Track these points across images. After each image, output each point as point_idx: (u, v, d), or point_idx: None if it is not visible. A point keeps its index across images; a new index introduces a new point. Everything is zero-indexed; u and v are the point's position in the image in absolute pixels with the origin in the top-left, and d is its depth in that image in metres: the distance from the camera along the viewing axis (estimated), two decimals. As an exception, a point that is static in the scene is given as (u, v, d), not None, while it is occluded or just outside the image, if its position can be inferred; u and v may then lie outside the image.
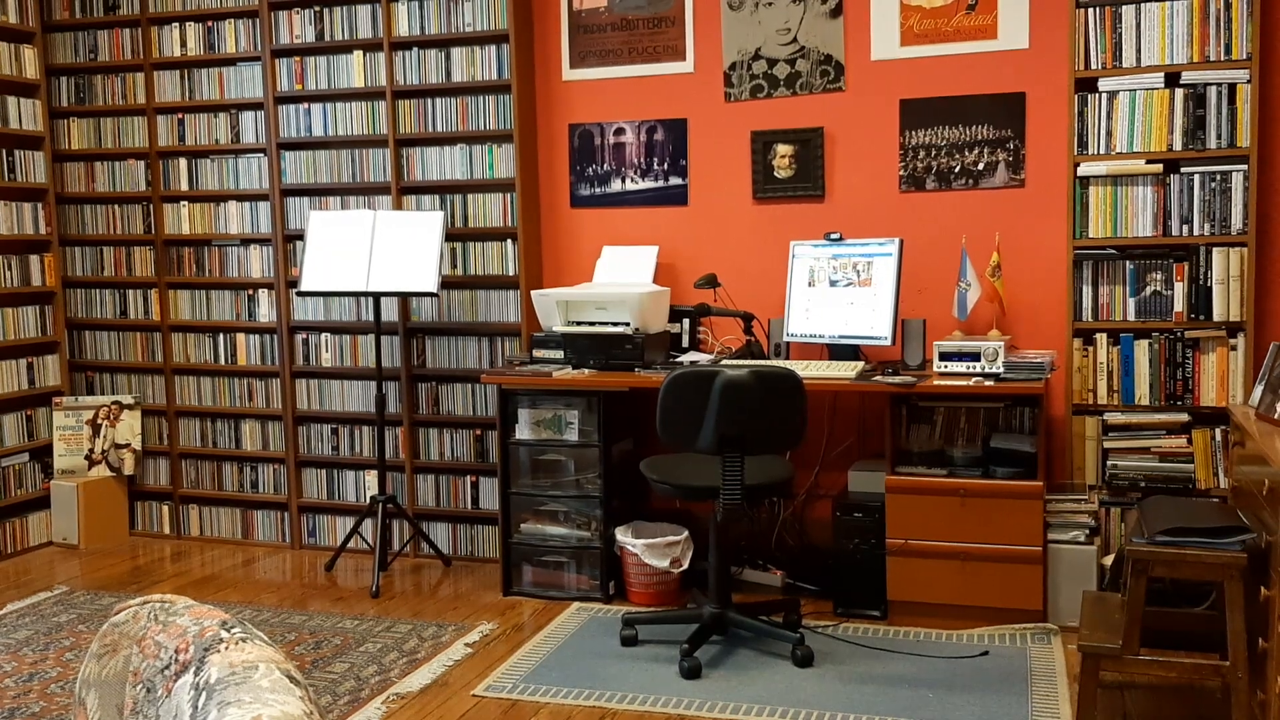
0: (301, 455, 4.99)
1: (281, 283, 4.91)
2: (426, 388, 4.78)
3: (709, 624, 3.60)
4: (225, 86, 4.96)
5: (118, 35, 5.09)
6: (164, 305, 5.15)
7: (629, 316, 4.08)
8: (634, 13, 4.47)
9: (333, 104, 4.79)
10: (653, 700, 3.25)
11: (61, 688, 3.47)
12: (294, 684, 1.23)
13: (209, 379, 5.13)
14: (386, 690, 3.37)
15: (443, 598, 4.28)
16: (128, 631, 1.46)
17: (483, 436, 4.70)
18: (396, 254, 4.33)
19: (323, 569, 4.67)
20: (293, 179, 4.88)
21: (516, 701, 3.28)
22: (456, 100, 4.60)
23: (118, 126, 5.16)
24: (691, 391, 3.37)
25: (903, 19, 4.14)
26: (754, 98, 4.35)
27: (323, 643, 3.79)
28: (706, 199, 4.45)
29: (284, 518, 5.04)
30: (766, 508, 4.35)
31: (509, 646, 3.72)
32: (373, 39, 4.67)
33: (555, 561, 4.24)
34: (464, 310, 4.69)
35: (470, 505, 4.73)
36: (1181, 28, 3.69)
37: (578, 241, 4.64)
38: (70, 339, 5.33)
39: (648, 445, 4.43)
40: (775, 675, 3.41)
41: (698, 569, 4.13)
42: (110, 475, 5.16)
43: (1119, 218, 3.80)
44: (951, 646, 3.60)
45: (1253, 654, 2.77)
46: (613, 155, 4.56)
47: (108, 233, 5.22)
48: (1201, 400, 3.77)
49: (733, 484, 3.42)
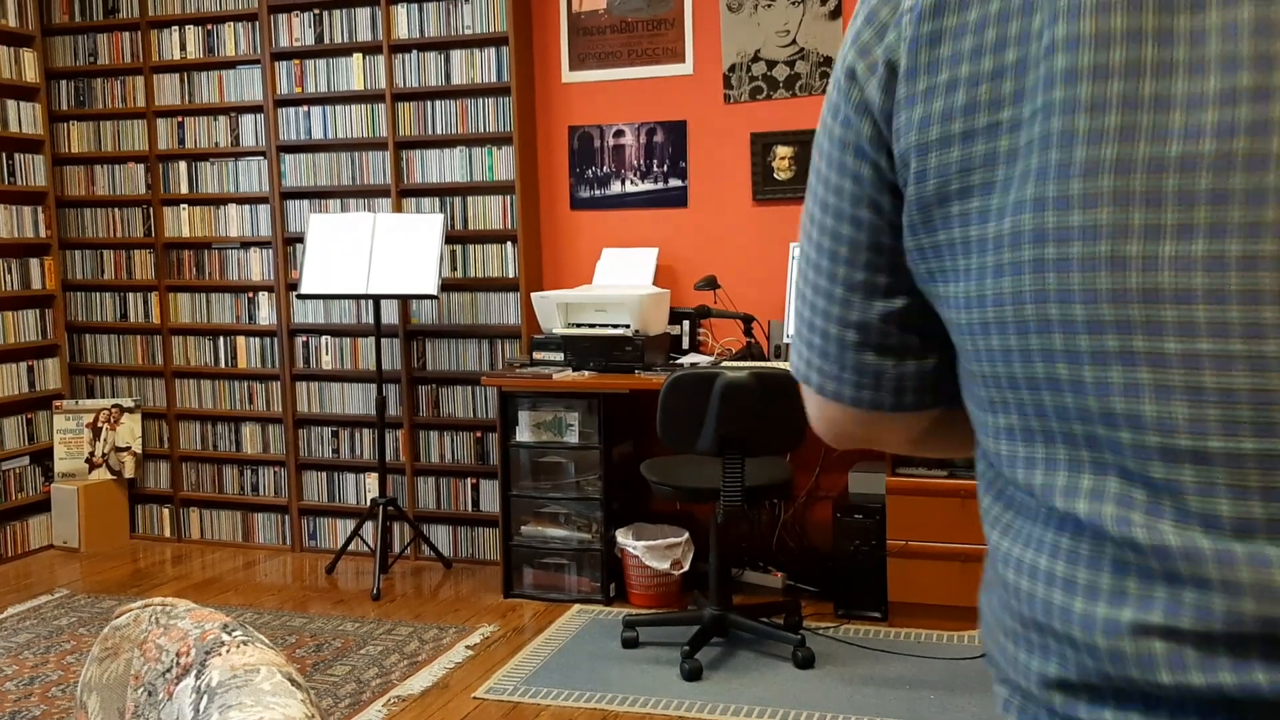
0: (302, 458, 4.99)
1: (282, 285, 4.91)
2: (427, 390, 4.78)
3: (710, 626, 3.60)
4: (225, 89, 4.96)
5: (117, 38, 5.09)
6: (164, 308, 5.15)
7: (629, 318, 4.08)
8: (633, 15, 4.48)
9: (332, 107, 4.79)
10: (654, 702, 3.25)
11: (62, 691, 3.47)
12: (295, 687, 1.23)
13: (209, 382, 5.13)
14: (388, 693, 3.37)
15: (443, 600, 4.28)
16: (129, 635, 1.46)
17: (483, 439, 4.70)
18: (396, 256, 4.33)
19: (323, 572, 4.67)
20: (292, 182, 4.88)
21: (517, 704, 3.28)
22: (456, 103, 4.61)
23: (117, 130, 5.16)
24: (692, 393, 3.37)
25: (902, 20, 4.15)
26: (753, 99, 4.36)
27: (324, 645, 3.79)
28: (706, 201, 4.45)
29: (284, 520, 5.04)
30: (767, 509, 4.35)
31: (510, 649, 3.72)
32: (372, 42, 4.68)
33: (556, 564, 4.24)
34: (464, 312, 4.69)
35: (471, 507, 4.73)
36: (1180, 28, 3.70)
37: (577, 243, 4.64)
38: (70, 342, 5.33)
39: (648, 447, 4.43)
40: (776, 677, 3.41)
41: (698, 571, 4.13)
42: (111, 478, 5.16)
43: (1119, 218, 3.80)
44: (952, 648, 3.60)
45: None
46: (612, 157, 4.56)
47: (108, 236, 5.22)
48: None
49: (733, 485, 3.42)
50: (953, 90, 0.65)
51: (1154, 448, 0.59)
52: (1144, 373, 0.59)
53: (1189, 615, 0.58)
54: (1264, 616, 0.56)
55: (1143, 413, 0.59)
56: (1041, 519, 0.66)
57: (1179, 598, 0.58)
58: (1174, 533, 0.58)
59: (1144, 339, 0.58)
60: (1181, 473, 0.58)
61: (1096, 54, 0.59)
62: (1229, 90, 0.56)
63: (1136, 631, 0.60)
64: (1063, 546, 0.64)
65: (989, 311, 0.64)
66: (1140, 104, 0.58)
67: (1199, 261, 0.56)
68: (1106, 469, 0.61)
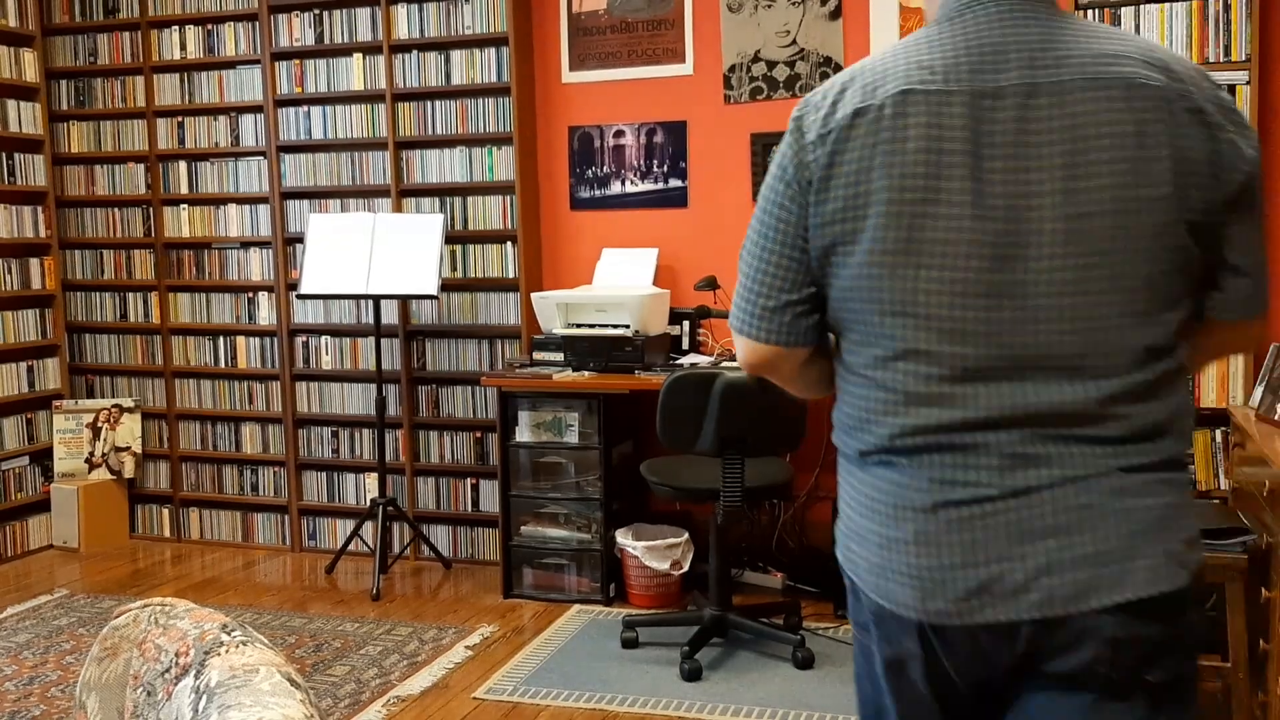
0: (302, 458, 4.99)
1: (281, 285, 4.91)
2: (426, 390, 4.78)
3: (709, 626, 3.60)
4: (225, 89, 4.96)
5: (117, 38, 5.09)
6: (164, 308, 5.15)
7: (629, 319, 4.08)
8: (633, 15, 4.48)
9: (332, 107, 4.79)
10: (653, 703, 3.25)
11: (62, 691, 3.47)
12: (295, 687, 1.23)
13: (209, 382, 5.13)
14: (387, 693, 3.37)
15: (443, 600, 4.28)
16: (128, 635, 1.46)
17: (483, 439, 4.70)
18: (396, 257, 4.33)
19: (323, 572, 4.67)
20: (292, 182, 4.88)
21: (517, 704, 3.28)
22: (456, 103, 4.61)
23: (117, 130, 5.16)
24: (691, 394, 3.37)
25: (902, 21, 4.15)
26: (753, 100, 4.36)
27: (323, 646, 3.79)
28: (706, 201, 4.45)
29: (284, 520, 5.04)
30: (767, 510, 4.35)
31: (509, 649, 3.72)
32: (372, 42, 4.68)
33: (556, 564, 4.24)
34: (464, 313, 4.69)
35: (470, 508, 4.73)
36: (1181, 29, 3.70)
37: (577, 244, 4.64)
38: (70, 342, 5.33)
39: (648, 447, 4.42)
40: (776, 677, 3.41)
41: (698, 571, 4.13)
42: (110, 478, 5.16)
43: (1119, 219, 3.80)
44: (952, 648, 3.60)
45: (1253, 656, 2.76)
46: (612, 157, 4.56)
47: (108, 236, 5.22)
48: (1202, 401, 3.77)
49: (732, 486, 3.42)
50: (835, 202, 1.31)
51: (902, 356, 1.30)
52: (908, 321, 1.29)
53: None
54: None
55: (906, 336, 1.29)
56: (859, 383, 1.36)
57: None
58: (923, 381, 1.30)
59: (907, 309, 1.29)
60: (931, 343, 1.29)
61: (894, 194, 1.27)
62: (963, 215, 1.26)
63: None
64: (871, 391, 1.34)
65: (850, 293, 1.33)
66: (918, 217, 1.27)
67: (929, 280, 1.27)
68: (890, 356, 1.31)
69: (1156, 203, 1.23)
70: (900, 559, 1.30)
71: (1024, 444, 1.26)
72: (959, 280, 1.26)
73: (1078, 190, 1.23)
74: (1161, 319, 1.26)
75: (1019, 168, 1.25)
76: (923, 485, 1.29)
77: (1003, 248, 1.25)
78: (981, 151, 1.25)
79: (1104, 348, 1.25)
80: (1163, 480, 1.28)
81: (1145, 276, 1.24)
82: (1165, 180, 1.23)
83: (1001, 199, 1.25)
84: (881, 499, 1.33)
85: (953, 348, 1.27)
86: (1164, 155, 1.23)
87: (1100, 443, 1.26)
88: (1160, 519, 1.27)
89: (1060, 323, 1.25)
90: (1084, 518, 1.25)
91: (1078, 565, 1.24)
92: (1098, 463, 1.25)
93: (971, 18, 1.31)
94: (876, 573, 1.34)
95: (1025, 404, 1.26)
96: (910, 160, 1.26)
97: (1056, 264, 1.24)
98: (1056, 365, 1.25)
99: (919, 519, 1.29)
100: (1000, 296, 1.25)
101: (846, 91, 1.33)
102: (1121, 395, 1.25)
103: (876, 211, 1.28)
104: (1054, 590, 1.24)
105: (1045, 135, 1.24)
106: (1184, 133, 1.24)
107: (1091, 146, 1.23)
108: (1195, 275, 1.29)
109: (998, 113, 1.26)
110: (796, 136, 1.35)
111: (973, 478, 1.27)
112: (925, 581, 1.29)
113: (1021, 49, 1.28)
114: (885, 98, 1.29)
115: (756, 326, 1.41)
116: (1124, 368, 1.25)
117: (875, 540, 1.33)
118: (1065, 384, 1.25)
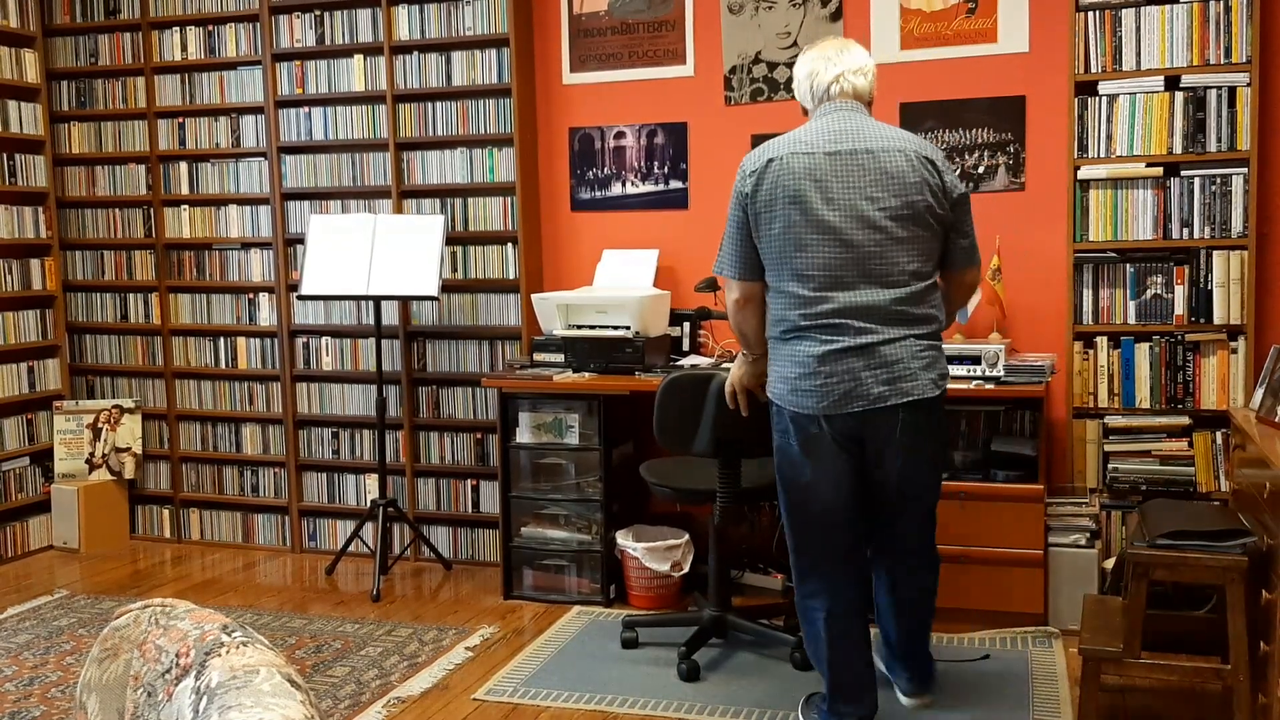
0: (302, 459, 4.99)
1: (282, 286, 4.91)
2: (427, 391, 4.78)
3: (709, 627, 3.60)
4: (226, 90, 4.97)
5: (118, 39, 5.10)
6: (164, 309, 5.15)
7: (629, 320, 4.08)
8: (634, 16, 4.48)
9: (333, 108, 4.79)
10: (653, 703, 3.25)
11: (62, 692, 3.47)
12: (295, 688, 1.23)
13: (209, 383, 5.13)
14: (387, 694, 3.37)
15: (443, 601, 4.28)
16: (128, 636, 1.46)
17: (483, 440, 4.70)
18: (397, 258, 4.33)
19: (323, 573, 4.68)
20: (293, 183, 4.89)
21: (517, 705, 3.28)
22: (457, 104, 4.61)
23: (118, 130, 5.16)
24: (687, 395, 3.37)
25: (903, 22, 4.15)
26: (754, 101, 4.36)
27: (323, 647, 3.79)
28: (707, 202, 4.46)
29: (284, 521, 5.04)
30: (766, 511, 4.35)
31: (510, 650, 3.72)
32: (373, 43, 4.68)
33: (556, 565, 4.24)
34: (464, 314, 4.69)
35: (471, 509, 4.73)
36: (1181, 31, 3.70)
37: (578, 245, 4.64)
38: (71, 343, 5.34)
39: (648, 449, 4.42)
40: (775, 678, 3.41)
41: (698, 572, 4.13)
42: (111, 479, 5.17)
43: (1119, 221, 3.80)
44: (952, 650, 3.60)
45: (1254, 657, 2.76)
46: (613, 159, 4.56)
47: (108, 237, 5.22)
48: (1202, 403, 3.77)
49: (728, 487, 3.42)
50: (760, 205, 2.79)
51: (798, 280, 2.75)
52: (799, 263, 2.74)
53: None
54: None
55: (799, 271, 2.74)
56: (778, 296, 2.81)
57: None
58: (810, 291, 2.75)
59: (799, 257, 2.74)
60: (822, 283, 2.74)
61: (788, 201, 2.74)
62: (823, 211, 2.73)
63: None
64: (786, 300, 2.78)
65: (771, 251, 2.79)
66: (800, 213, 2.73)
67: (808, 243, 2.73)
68: (793, 279, 2.76)
69: (920, 205, 2.73)
70: (807, 384, 2.73)
71: (864, 321, 2.70)
72: (824, 242, 2.71)
73: (881, 199, 2.71)
74: (926, 261, 2.77)
75: (852, 188, 2.71)
76: (816, 345, 2.72)
77: (843, 229, 2.70)
78: (831, 182, 2.72)
79: (894, 274, 2.71)
80: (931, 345, 2.77)
81: (916, 239, 2.74)
82: (923, 195, 2.74)
83: (842, 203, 2.71)
84: (795, 355, 2.75)
85: (822, 274, 2.71)
86: (922, 183, 2.74)
87: (901, 323, 2.71)
88: (929, 362, 2.75)
89: (872, 262, 2.70)
90: (894, 359, 2.70)
91: (892, 383, 2.69)
92: (899, 331, 2.71)
93: (828, 118, 2.81)
94: (794, 394, 2.76)
95: (861, 302, 2.70)
96: (794, 184, 2.73)
97: (870, 234, 2.70)
98: (874, 283, 2.71)
99: (814, 362, 2.71)
100: (844, 248, 2.70)
101: (765, 152, 2.81)
102: (905, 299, 2.72)
103: (780, 209, 2.74)
104: (882, 394, 2.69)
105: (865, 173, 2.72)
106: (929, 174, 2.75)
107: (890, 179, 2.72)
108: (940, 240, 2.81)
109: (839, 161, 2.73)
110: (741, 174, 2.84)
111: (840, 338, 2.70)
112: (819, 393, 2.71)
113: (853, 131, 2.77)
114: (783, 153, 2.77)
115: (737, 271, 2.87)
116: (905, 284, 2.73)
117: (793, 376, 2.76)
118: (879, 291, 2.70)
